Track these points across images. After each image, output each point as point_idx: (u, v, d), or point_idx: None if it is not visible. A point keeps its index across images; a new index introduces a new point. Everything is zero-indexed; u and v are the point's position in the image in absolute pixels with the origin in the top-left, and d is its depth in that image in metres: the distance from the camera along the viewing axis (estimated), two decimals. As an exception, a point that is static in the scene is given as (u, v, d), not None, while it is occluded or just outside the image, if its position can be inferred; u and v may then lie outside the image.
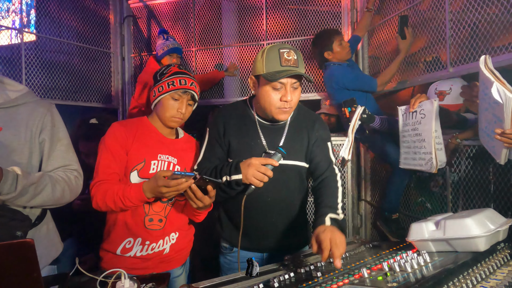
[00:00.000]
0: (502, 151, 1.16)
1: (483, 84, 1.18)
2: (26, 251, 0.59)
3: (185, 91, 1.40)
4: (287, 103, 1.25)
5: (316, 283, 0.97)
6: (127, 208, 1.28)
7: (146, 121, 1.47)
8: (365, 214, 2.52)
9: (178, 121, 1.42)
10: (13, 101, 1.12)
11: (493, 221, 1.09)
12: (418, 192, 2.16)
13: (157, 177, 1.17)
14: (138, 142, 1.38)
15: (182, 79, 1.41)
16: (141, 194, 1.21)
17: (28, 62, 2.29)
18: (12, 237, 0.99)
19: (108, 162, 1.32)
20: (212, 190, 1.21)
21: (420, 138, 1.55)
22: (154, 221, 1.37)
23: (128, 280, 0.94)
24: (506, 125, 1.08)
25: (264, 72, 1.23)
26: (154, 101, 1.44)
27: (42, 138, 1.16)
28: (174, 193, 1.18)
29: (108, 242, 1.37)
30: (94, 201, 1.27)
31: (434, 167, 1.49)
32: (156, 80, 1.44)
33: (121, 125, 1.40)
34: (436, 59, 1.86)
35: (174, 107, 1.39)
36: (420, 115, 1.55)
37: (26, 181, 1.00)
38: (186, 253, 1.51)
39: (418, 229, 1.17)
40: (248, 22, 2.78)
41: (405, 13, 2.06)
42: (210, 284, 1.08)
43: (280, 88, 1.24)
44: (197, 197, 1.19)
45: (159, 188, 1.15)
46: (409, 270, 0.95)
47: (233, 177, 1.26)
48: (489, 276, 0.92)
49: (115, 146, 1.33)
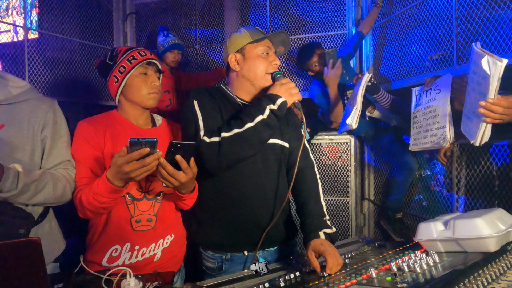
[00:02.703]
0: (480, 130, 1.15)
1: (474, 63, 1.18)
2: (33, 250, 0.58)
3: (149, 61, 1.26)
4: (276, 67, 1.29)
5: (323, 282, 0.96)
6: (106, 206, 1.11)
7: (115, 114, 1.30)
8: (369, 213, 2.51)
9: (155, 97, 1.27)
10: (15, 97, 1.11)
11: (504, 221, 1.07)
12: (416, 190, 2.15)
13: (114, 156, 1.00)
14: (111, 140, 1.22)
15: (139, 51, 1.26)
16: (108, 185, 1.04)
17: (31, 59, 2.28)
18: (15, 235, 0.98)
19: (81, 168, 1.19)
20: (183, 161, 1.00)
21: (434, 114, 1.56)
22: (143, 222, 1.23)
23: (133, 279, 0.93)
24: (490, 95, 1.08)
25: (252, 40, 1.28)
26: (118, 88, 1.26)
27: (44, 135, 1.15)
28: (143, 170, 0.98)
29: (92, 252, 1.23)
30: (79, 211, 1.16)
31: (448, 140, 1.50)
32: (109, 66, 1.25)
33: (88, 123, 1.24)
34: (442, 57, 1.84)
35: (146, 81, 1.24)
36: (435, 91, 1.58)
37: (27, 179, 0.99)
38: (179, 258, 1.37)
39: (426, 229, 1.15)
40: (251, 19, 2.76)
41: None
42: (214, 282, 1.07)
43: (268, 54, 1.29)
44: (169, 173, 1.02)
45: (120, 168, 0.98)
46: (418, 271, 0.94)
47: (278, 102, 1.17)
48: (499, 277, 0.90)
49: (86, 147, 1.20)
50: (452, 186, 1.83)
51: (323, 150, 2.57)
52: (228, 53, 1.33)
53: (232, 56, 1.31)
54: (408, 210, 2.21)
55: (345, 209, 2.51)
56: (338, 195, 2.52)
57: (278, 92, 1.20)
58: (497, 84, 1.06)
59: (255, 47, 1.29)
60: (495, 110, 1.06)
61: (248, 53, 1.29)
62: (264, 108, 1.17)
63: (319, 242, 1.11)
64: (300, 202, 1.31)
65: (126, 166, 0.97)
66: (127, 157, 0.96)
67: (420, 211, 2.07)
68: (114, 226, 1.21)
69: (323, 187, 2.53)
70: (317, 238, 1.15)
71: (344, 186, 2.51)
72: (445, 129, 1.50)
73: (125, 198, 1.22)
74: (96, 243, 1.23)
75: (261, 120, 1.16)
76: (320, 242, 1.11)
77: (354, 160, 2.48)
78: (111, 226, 1.21)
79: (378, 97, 1.96)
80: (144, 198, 1.24)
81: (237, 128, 1.16)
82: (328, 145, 2.55)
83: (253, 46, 1.29)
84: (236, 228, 1.27)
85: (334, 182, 2.53)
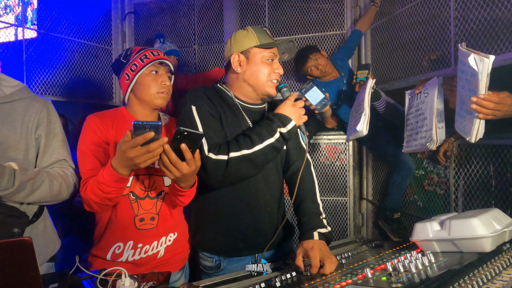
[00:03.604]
0: (474, 126, 1.16)
1: (461, 63, 1.20)
2: (24, 250, 0.58)
3: (161, 62, 1.26)
4: (279, 76, 1.27)
5: (319, 282, 0.95)
6: (111, 197, 1.09)
7: (124, 111, 1.30)
8: (367, 213, 2.51)
9: (165, 97, 1.26)
10: (8, 96, 1.11)
11: (499, 221, 1.07)
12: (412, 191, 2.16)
13: (119, 143, 0.98)
14: (117, 135, 1.22)
15: (152, 51, 1.26)
16: (113, 173, 1.01)
17: (29, 59, 2.28)
18: (9, 234, 0.98)
19: (88, 159, 1.18)
20: (187, 151, 0.96)
21: (423, 117, 1.57)
22: (146, 220, 1.24)
23: (128, 279, 0.93)
24: (481, 91, 1.08)
25: (259, 43, 1.24)
26: (129, 86, 1.25)
27: (38, 134, 1.15)
28: (147, 156, 0.94)
29: (98, 247, 1.25)
30: (85, 204, 1.15)
31: (434, 142, 1.49)
32: (122, 64, 1.26)
33: (96, 116, 1.25)
34: (440, 57, 1.84)
35: (156, 81, 1.24)
36: (424, 94, 1.59)
37: (23, 177, 0.99)
38: (184, 256, 1.36)
39: (422, 229, 1.15)
40: (249, 19, 2.76)
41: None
42: (211, 282, 1.07)
43: (272, 61, 1.26)
44: (171, 162, 0.97)
45: (125, 154, 0.94)
46: (413, 271, 0.93)
47: (289, 126, 1.16)
48: (495, 277, 0.90)
49: (94, 139, 1.20)
50: (449, 186, 1.83)
51: (322, 150, 2.57)
52: (231, 51, 1.27)
53: (235, 56, 1.26)
54: (406, 210, 2.21)
55: (343, 209, 2.51)
56: (337, 195, 2.52)
57: (290, 114, 1.17)
58: (486, 80, 1.07)
59: (261, 51, 1.25)
60: (486, 105, 1.07)
61: (253, 56, 1.25)
62: (274, 131, 1.15)
63: (311, 244, 1.10)
64: (297, 201, 1.31)
65: (130, 151, 0.94)
66: (131, 141, 0.93)
67: (417, 211, 2.07)
68: (118, 224, 1.22)
69: (322, 187, 2.53)
70: (310, 238, 1.15)
71: (343, 186, 2.51)
72: (432, 131, 1.49)
73: (128, 197, 1.22)
74: (102, 238, 1.24)
75: (270, 144, 1.15)
76: (312, 244, 1.10)
77: (352, 160, 2.48)
78: (115, 224, 1.22)
79: (379, 105, 1.97)
80: (147, 197, 1.24)
81: (246, 149, 1.13)
82: (326, 145, 2.55)
83: (259, 50, 1.25)
84: (235, 233, 1.27)
85: (333, 182, 2.53)
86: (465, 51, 1.13)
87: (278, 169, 1.34)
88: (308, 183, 1.33)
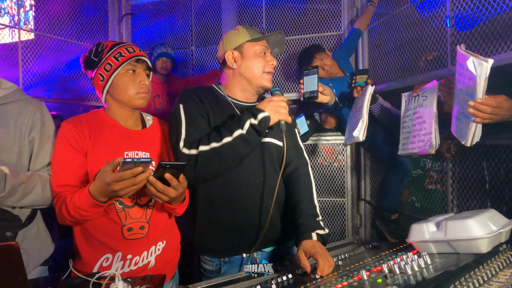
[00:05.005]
0: (470, 130, 1.15)
1: (459, 65, 1.19)
2: (11, 255, 0.57)
3: (138, 59, 1.16)
4: (273, 67, 1.31)
5: (315, 285, 0.95)
6: (88, 219, 1.05)
7: (102, 114, 1.21)
8: (365, 214, 2.50)
9: (145, 97, 1.18)
10: (2, 99, 1.10)
11: (496, 222, 1.06)
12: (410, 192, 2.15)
13: (102, 173, 0.92)
14: (97, 141, 1.13)
15: (127, 47, 1.16)
16: (91, 200, 0.96)
17: (25, 60, 2.27)
18: (1, 237, 0.97)
19: (59, 172, 1.11)
20: (173, 179, 0.97)
21: (421, 120, 1.57)
22: (135, 230, 1.15)
23: (122, 282, 0.92)
24: (478, 95, 1.08)
25: (250, 38, 1.29)
26: (104, 88, 1.16)
27: (32, 136, 1.14)
28: (132, 188, 0.92)
29: (81, 262, 1.13)
30: (58, 219, 1.08)
31: (433, 147, 1.50)
32: (94, 63, 1.15)
33: (71, 123, 1.14)
34: (436, 58, 1.84)
35: (134, 81, 1.15)
36: (422, 97, 1.58)
37: (15, 181, 0.98)
38: (173, 264, 1.31)
39: (418, 230, 1.14)
40: (247, 20, 2.76)
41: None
42: (207, 285, 1.06)
43: (265, 54, 1.31)
44: (158, 191, 0.98)
45: (109, 187, 0.90)
46: (409, 273, 0.93)
47: (259, 116, 1.14)
48: (491, 278, 0.90)
49: (68, 151, 1.10)
50: (446, 186, 1.82)
51: (319, 151, 2.56)
52: (224, 50, 1.32)
53: (229, 53, 1.31)
54: (403, 211, 2.20)
55: (341, 210, 2.50)
56: (335, 196, 2.52)
57: (264, 108, 1.18)
58: (484, 84, 1.06)
59: (253, 46, 1.30)
60: (484, 110, 1.06)
61: (247, 51, 1.30)
62: (244, 122, 1.15)
63: (311, 244, 1.10)
64: (293, 201, 1.30)
65: (115, 184, 0.90)
66: (118, 175, 0.89)
67: (415, 212, 2.07)
68: (104, 235, 1.13)
69: (320, 188, 2.52)
70: (309, 239, 1.14)
71: (340, 187, 2.50)
72: (431, 135, 1.49)
73: (115, 206, 1.14)
74: (84, 252, 1.14)
75: (240, 135, 1.14)
76: (311, 244, 1.10)
77: (350, 161, 2.48)
78: (100, 234, 1.13)
79: (374, 109, 1.96)
80: (136, 205, 1.17)
81: (214, 142, 1.13)
82: (324, 146, 2.55)
83: (251, 44, 1.30)
84: (232, 231, 1.26)
85: (330, 183, 2.53)
86: (464, 54, 1.13)
87: (275, 166, 1.33)
88: (305, 183, 1.32)
